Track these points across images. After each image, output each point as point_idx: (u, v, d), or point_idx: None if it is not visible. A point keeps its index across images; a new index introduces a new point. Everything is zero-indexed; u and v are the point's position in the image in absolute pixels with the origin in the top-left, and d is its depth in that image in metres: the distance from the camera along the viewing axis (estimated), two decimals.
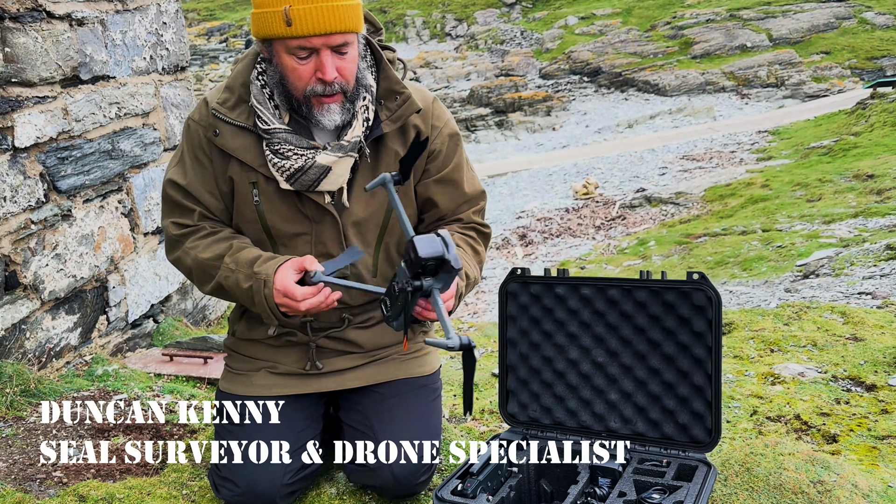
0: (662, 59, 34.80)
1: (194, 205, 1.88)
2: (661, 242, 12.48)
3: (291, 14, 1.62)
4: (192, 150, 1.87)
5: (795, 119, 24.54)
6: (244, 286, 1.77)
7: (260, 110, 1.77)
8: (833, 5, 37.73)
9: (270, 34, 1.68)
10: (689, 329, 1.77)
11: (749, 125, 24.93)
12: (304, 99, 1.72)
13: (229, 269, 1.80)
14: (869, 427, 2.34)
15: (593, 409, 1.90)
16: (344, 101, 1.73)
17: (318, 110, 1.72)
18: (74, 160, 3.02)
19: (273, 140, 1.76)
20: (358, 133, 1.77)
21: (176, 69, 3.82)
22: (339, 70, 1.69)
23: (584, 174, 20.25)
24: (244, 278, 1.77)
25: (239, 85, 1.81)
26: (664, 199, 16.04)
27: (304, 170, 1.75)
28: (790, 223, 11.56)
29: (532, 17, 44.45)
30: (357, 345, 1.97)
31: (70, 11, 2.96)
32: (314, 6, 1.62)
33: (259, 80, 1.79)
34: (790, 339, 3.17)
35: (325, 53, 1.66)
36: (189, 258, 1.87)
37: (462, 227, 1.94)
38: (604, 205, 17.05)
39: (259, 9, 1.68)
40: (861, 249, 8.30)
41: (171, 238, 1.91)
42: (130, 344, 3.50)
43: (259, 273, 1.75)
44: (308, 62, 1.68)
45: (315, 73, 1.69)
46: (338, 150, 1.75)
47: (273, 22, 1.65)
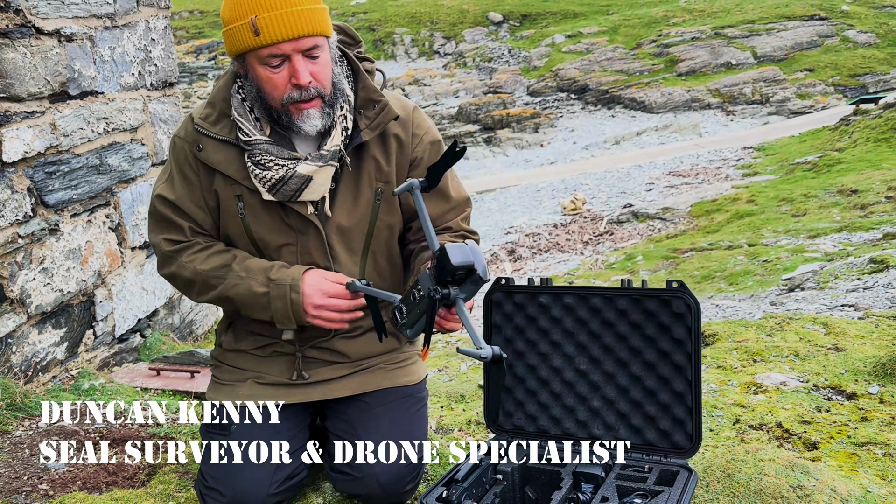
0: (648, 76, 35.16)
1: (184, 220, 1.89)
2: (649, 257, 12.56)
3: (258, 24, 1.65)
4: (179, 166, 1.89)
5: (780, 135, 24.82)
6: (258, 291, 1.80)
7: (241, 122, 1.80)
8: (816, 23, 38.26)
9: (242, 48, 1.71)
10: (669, 336, 1.80)
11: (734, 141, 25.19)
12: (282, 108, 1.75)
13: (239, 277, 1.82)
14: (849, 434, 2.37)
15: (577, 416, 1.92)
16: (322, 105, 1.76)
17: (298, 117, 1.75)
18: (62, 175, 3.04)
19: (254, 151, 1.78)
20: (337, 142, 1.80)
21: (164, 85, 3.85)
22: (314, 74, 1.72)
23: (572, 190, 20.38)
24: (257, 284, 1.80)
25: (220, 100, 1.85)
26: (651, 214, 16.15)
27: (286, 180, 1.77)
28: (776, 238, 11.67)
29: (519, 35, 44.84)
30: (344, 354, 1.99)
31: (59, 28, 2.99)
32: (279, 13, 1.65)
33: (239, 93, 1.82)
34: (773, 349, 3.21)
35: (297, 58, 1.70)
36: (187, 271, 1.87)
37: (452, 235, 1.96)
38: (591, 220, 17.15)
39: (228, 25, 1.71)
40: (845, 263, 8.39)
41: (165, 254, 1.92)
42: (117, 358, 3.50)
43: (279, 279, 1.79)
44: (281, 70, 1.71)
45: (290, 80, 1.71)
46: (318, 159, 1.78)
47: (242, 35, 1.68)
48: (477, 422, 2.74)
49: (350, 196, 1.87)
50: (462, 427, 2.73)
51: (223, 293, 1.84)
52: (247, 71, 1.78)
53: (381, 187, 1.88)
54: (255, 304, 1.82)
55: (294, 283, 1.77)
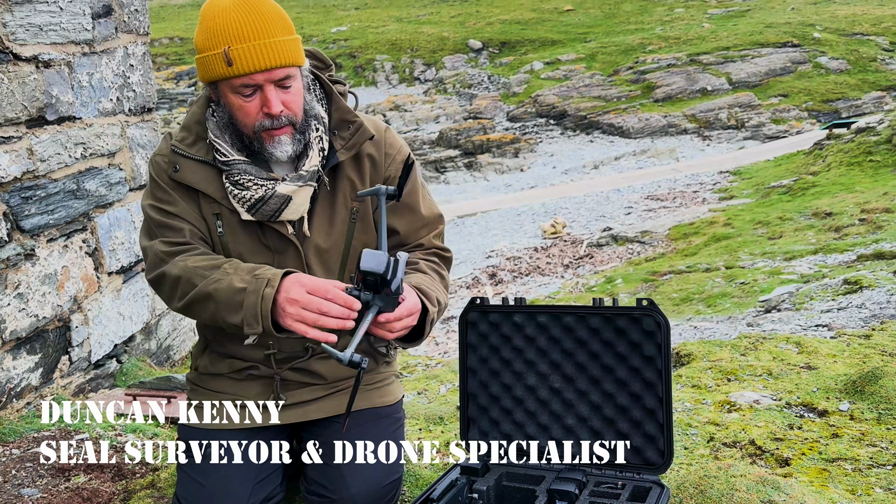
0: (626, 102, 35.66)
1: (182, 223, 1.84)
2: (628, 280, 12.66)
3: (231, 55, 1.67)
4: (162, 179, 1.89)
5: (756, 159, 25.23)
6: (237, 285, 1.69)
7: (218, 143, 1.82)
8: (789, 50, 39.07)
9: (214, 76, 1.73)
10: (640, 353, 1.83)
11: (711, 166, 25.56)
12: (254, 135, 1.77)
13: (225, 273, 1.73)
14: (820, 451, 2.41)
15: (551, 434, 1.94)
16: (294, 132, 1.78)
17: (270, 143, 1.77)
18: (39, 200, 3.03)
19: (232, 171, 1.80)
20: (315, 163, 1.82)
21: (143, 110, 3.87)
22: (285, 103, 1.75)
23: (552, 214, 20.54)
24: (238, 280, 1.70)
25: (195, 123, 1.87)
26: (630, 237, 16.31)
27: (265, 199, 1.79)
28: (752, 260, 11.82)
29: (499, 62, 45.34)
30: (320, 376, 1.99)
31: (37, 54, 3.01)
32: (252, 44, 1.67)
33: (214, 116, 1.85)
34: (747, 368, 3.25)
35: (269, 88, 1.72)
36: (177, 268, 1.78)
37: (425, 252, 1.98)
38: (572, 244, 17.27)
39: (201, 54, 1.74)
40: (820, 284, 8.51)
41: (158, 256, 1.83)
42: (93, 384, 3.47)
43: (261, 275, 1.69)
44: (253, 98, 1.74)
45: (262, 109, 1.74)
46: (297, 179, 1.80)
47: (215, 64, 1.70)
48: (456, 443, 2.75)
49: (326, 216, 1.89)
50: (440, 449, 2.74)
51: (203, 289, 1.74)
52: (219, 98, 1.80)
53: (356, 206, 1.90)
54: (230, 302, 1.71)
55: (274, 277, 1.67)
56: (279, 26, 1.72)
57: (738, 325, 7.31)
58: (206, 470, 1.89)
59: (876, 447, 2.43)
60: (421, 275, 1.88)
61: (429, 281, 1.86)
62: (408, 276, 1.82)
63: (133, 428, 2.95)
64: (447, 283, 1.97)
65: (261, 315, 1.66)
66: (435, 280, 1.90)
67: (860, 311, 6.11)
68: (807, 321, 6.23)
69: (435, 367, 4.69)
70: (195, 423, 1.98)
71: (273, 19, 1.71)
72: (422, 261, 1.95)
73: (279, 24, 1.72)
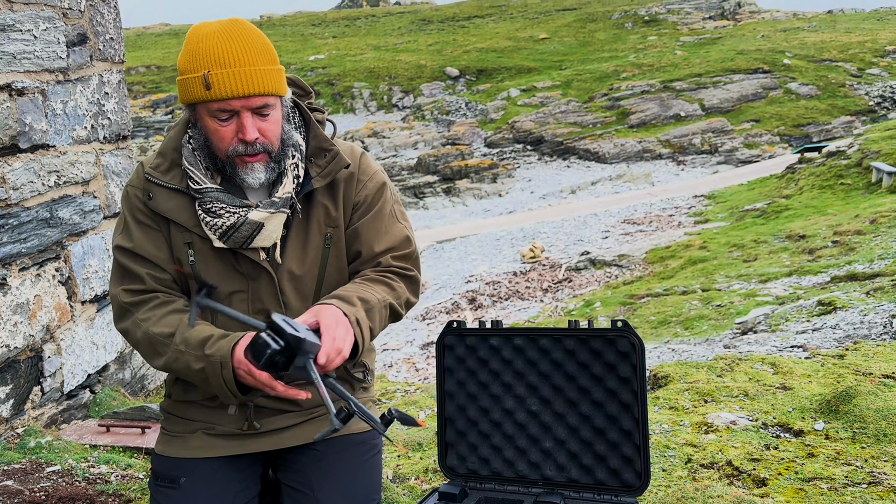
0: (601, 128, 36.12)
1: (141, 267, 1.86)
2: (607, 303, 12.72)
3: (210, 79, 1.69)
4: (133, 215, 1.89)
5: (730, 183, 25.60)
6: (195, 367, 1.75)
7: (192, 171, 1.82)
8: (760, 76, 39.89)
9: (193, 99, 1.74)
10: (615, 375, 1.84)
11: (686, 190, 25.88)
12: (227, 159, 1.78)
13: (179, 351, 1.78)
14: (796, 470, 2.42)
15: (529, 457, 1.94)
16: (268, 160, 1.79)
17: (242, 169, 1.78)
18: (11, 228, 3.00)
19: (205, 199, 1.80)
20: (289, 189, 1.83)
21: (117, 138, 3.85)
22: (261, 131, 1.76)
23: (531, 238, 20.63)
24: (194, 360, 1.75)
25: (171, 150, 1.87)
26: (608, 261, 16.41)
27: (237, 227, 1.79)
28: (728, 283, 11.94)
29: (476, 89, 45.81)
30: (295, 403, 1.98)
31: (10, 82, 2.99)
32: (232, 71, 1.69)
33: (190, 143, 1.85)
34: (723, 389, 3.28)
35: (246, 115, 1.73)
36: (139, 331, 1.83)
37: (378, 270, 1.93)
38: (550, 268, 17.34)
39: (182, 76, 1.75)
40: (795, 306, 8.61)
41: (121, 306, 1.88)
42: (66, 415, 3.41)
43: (212, 355, 1.73)
44: (229, 124, 1.75)
45: (237, 134, 1.75)
46: (270, 206, 1.80)
47: (194, 87, 1.72)
48: (434, 469, 2.73)
49: (300, 242, 1.89)
50: (419, 475, 2.72)
51: (168, 364, 1.81)
52: (196, 120, 1.81)
53: (330, 232, 1.90)
54: (198, 380, 1.79)
55: (224, 359, 1.71)
56: (261, 55, 1.73)
57: (715, 348, 7.36)
58: (181, 500, 1.86)
59: (851, 466, 2.45)
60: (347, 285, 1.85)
61: (353, 287, 1.83)
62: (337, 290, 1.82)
63: (106, 459, 2.90)
64: (399, 293, 1.90)
65: (231, 394, 1.75)
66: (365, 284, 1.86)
67: (834, 332, 6.19)
68: (782, 342, 6.29)
69: (414, 393, 4.66)
70: (169, 452, 1.95)
71: (256, 48, 1.73)
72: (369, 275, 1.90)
73: (262, 54, 1.73)
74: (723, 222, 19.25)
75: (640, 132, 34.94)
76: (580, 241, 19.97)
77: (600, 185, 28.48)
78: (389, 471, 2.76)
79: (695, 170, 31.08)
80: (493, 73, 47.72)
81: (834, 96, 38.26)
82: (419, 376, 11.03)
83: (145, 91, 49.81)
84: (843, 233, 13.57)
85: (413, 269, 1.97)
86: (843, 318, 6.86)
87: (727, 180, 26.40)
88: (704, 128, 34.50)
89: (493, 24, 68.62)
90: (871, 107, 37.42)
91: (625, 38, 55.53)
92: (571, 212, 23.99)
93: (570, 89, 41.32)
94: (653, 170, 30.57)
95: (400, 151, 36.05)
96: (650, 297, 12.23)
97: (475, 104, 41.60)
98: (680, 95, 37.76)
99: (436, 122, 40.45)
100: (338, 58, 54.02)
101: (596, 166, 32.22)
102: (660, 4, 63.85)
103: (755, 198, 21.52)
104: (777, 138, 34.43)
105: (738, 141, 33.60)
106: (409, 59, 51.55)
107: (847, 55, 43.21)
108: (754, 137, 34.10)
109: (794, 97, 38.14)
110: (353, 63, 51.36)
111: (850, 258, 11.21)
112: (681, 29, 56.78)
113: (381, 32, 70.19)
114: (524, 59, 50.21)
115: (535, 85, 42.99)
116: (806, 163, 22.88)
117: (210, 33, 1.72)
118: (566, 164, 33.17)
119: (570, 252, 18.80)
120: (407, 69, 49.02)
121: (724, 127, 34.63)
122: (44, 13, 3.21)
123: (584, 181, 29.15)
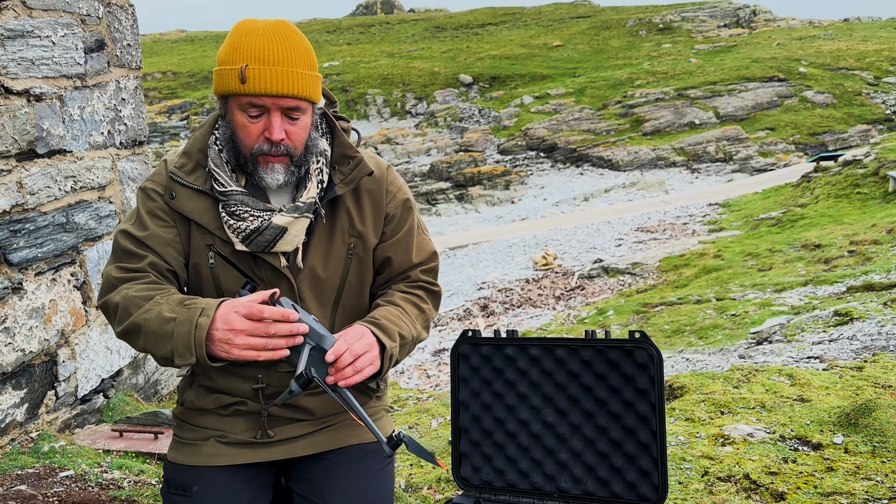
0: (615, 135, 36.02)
1: (146, 252, 1.83)
2: (620, 312, 12.65)
3: (247, 73, 1.70)
4: (150, 210, 1.88)
5: (744, 192, 25.44)
6: (166, 315, 1.65)
7: (217, 173, 1.82)
8: (775, 84, 39.67)
9: (227, 90, 1.75)
10: (633, 386, 1.81)
11: (700, 198, 25.74)
12: (250, 156, 1.78)
13: (156, 303, 1.70)
14: (815, 485, 2.38)
15: (545, 469, 1.91)
16: (289, 164, 1.78)
17: (263, 168, 1.77)
18: (27, 233, 3.01)
19: (230, 202, 1.80)
20: (313, 194, 1.82)
21: (134, 144, 3.87)
22: (288, 133, 1.76)
23: (543, 245, 20.58)
24: (168, 310, 1.66)
25: (196, 150, 1.87)
26: (621, 269, 16.33)
27: (261, 230, 1.78)
28: (743, 292, 11.84)
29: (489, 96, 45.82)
30: (308, 412, 1.97)
31: (28, 87, 3.01)
32: (269, 69, 1.70)
33: (216, 145, 1.85)
34: (740, 401, 3.23)
35: (275, 114, 1.74)
36: (119, 295, 1.77)
37: (409, 285, 1.97)
38: (563, 275, 17.28)
39: (220, 66, 1.76)
40: (811, 316, 8.52)
41: (110, 280, 1.81)
42: (79, 420, 3.42)
43: (192, 304, 1.66)
44: (258, 121, 1.75)
45: (263, 132, 1.75)
46: (293, 210, 1.80)
47: (230, 79, 1.73)
48: (447, 479, 2.71)
49: (323, 249, 1.88)
50: (432, 485, 2.70)
51: (135, 319, 1.71)
52: (226, 112, 1.81)
53: (353, 242, 1.90)
54: (159, 333, 1.66)
55: (209, 306, 1.64)
56: (301, 59, 1.74)
57: (730, 357, 7.29)
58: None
59: (871, 481, 2.41)
60: (389, 308, 1.86)
61: (395, 314, 1.84)
62: (374, 310, 1.84)
63: (119, 464, 2.90)
64: (428, 316, 1.95)
65: (194, 345, 1.61)
66: (404, 313, 1.87)
67: (851, 343, 6.12)
68: (798, 353, 6.22)
69: (426, 401, 4.64)
70: (181, 460, 1.95)
71: (297, 51, 1.73)
72: (399, 293, 1.94)
73: (302, 58, 1.74)
74: (737, 231, 19.12)
75: (654, 140, 34.82)
76: (593, 248, 19.89)
77: (614, 192, 28.38)
78: (402, 480, 2.74)
79: (709, 178, 30.92)
80: (507, 81, 47.74)
81: (850, 105, 37.98)
82: (430, 383, 11.00)
83: (161, 97, 50.20)
84: (860, 242, 13.44)
85: (437, 284, 2.00)
86: (860, 328, 6.78)
87: (742, 189, 26.23)
88: (719, 136, 34.34)
89: (506, 32, 68.71)
90: (889, 115, 37.12)
91: (639, 46, 55.42)
92: (584, 219, 23.91)
93: (584, 96, 41.26)
94: (667, 178, 30.44)
95: (413, 158, 36.11)
96: (664, 305, 12.16)
97: (488, 111, 41.63)
98: (694, 103, 37.61)
99: (449, 129, 40.50)
100: (352, 64, 54.25)
101: (609, 174, 32.12)
102: (674, 12, 63.71)
103: (770, 206, 21.36)
104: (792, 147, 34.20)
105: (753, 149, 33.40)
106: (423, 66, 51.68)
107: (863, 63, 42.90)
108: (769, 146, 33.88)
109: (810, 105, 37.89)
110: (366, 70, 51.55)
111: (867, 268, 11.09)
112: (695, 37, 56.60)
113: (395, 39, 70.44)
114: (538, 67, 50.21)
115: (548, 92, 42.97)
116: (822, 171, 22.71)
117: (255, 29, 1.73)
118: (579, 171, 33.10)
119: (583, 260, 18.73)
120: (420, 76, 49.13)
121: (739, 135, 34.44)
122: (62, 20, 3.23)
123: (598, 189, 29.06)
